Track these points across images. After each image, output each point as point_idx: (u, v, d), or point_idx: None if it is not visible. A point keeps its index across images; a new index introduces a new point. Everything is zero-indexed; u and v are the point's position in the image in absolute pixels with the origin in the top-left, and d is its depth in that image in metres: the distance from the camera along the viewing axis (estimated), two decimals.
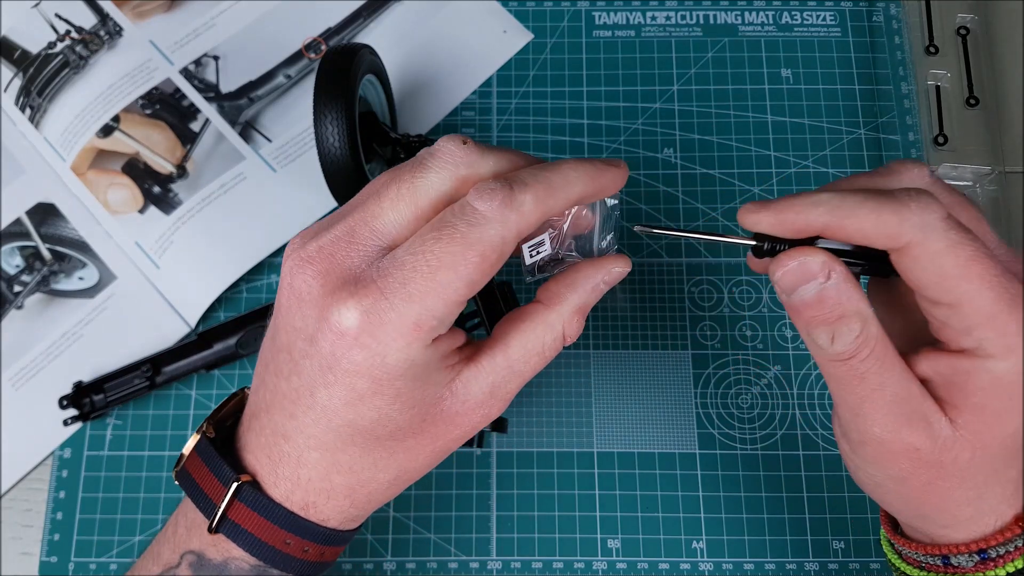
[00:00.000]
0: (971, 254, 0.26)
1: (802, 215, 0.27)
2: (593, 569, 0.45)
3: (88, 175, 0.52)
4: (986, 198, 0.49)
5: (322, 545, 0.31)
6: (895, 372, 0.27)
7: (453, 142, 0.28)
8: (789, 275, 0.27)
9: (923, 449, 0.27)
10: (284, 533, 0.30)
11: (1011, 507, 0.29)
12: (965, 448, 0.27)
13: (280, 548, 0.30)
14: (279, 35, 0.55)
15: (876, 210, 0.26)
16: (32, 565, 0.46)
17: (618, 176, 0.30)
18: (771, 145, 0.52)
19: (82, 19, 0.55)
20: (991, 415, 0.27)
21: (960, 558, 0.29)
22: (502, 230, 0.27)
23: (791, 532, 0.46)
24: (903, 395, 0.27)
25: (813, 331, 0.28)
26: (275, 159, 0.53)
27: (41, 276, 0.51)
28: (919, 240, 0.26)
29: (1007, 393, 0.27)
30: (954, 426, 0.27)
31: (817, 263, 0.27)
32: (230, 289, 0.50)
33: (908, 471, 0.28)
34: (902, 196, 0.26)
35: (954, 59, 0.51)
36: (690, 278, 0.50)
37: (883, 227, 0.26)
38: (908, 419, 0.27)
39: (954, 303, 0.26)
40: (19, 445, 0.48)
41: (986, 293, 0.26)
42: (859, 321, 0.27)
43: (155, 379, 0.48)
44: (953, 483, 0.28)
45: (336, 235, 0.28)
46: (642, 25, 0.55)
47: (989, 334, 0.26)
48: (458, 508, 0.47)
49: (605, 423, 0.48)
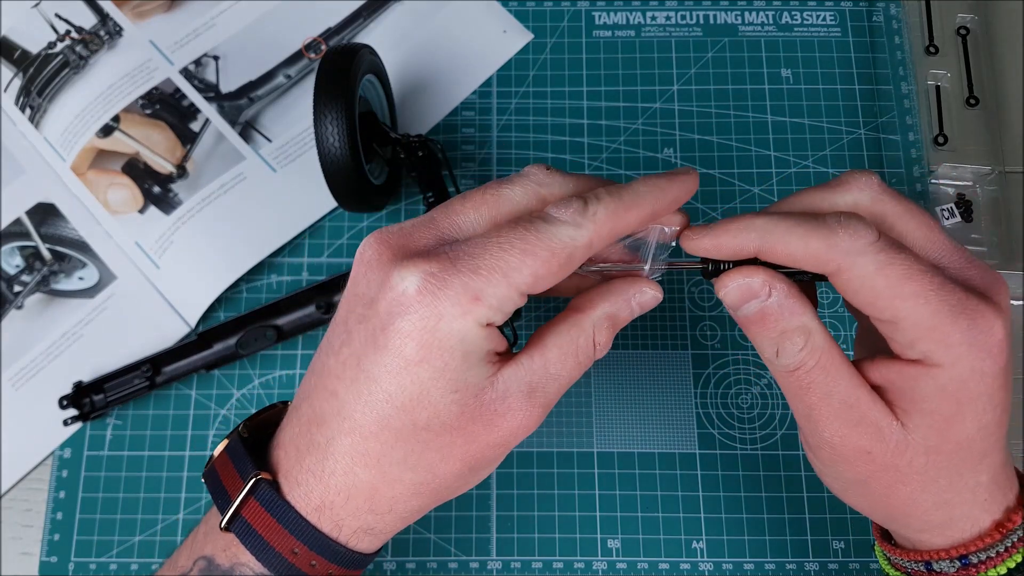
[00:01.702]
0: (902, 273, 0.26)
1: (736, 239, 0.28)
2: (593, 569, 0.45)
3: (88, 175, 0.52)
4: (986, 198, 0.49)
5: (330, 562, 0.29)
6: (842, 380, 0.28)
7: (537, 166, 0.30)
8: (731, 294, 0.29)
9: (874, 452, 0.28)
10: (293, 541, 0.29)
11: (987, 512, 0.29)
12: (918, 452, 0.28)
13: (287, 557, 0.29)
14: (279, 35, 0.55)
15: (804, 237, 0.27)
16: (32, 565, 0.46)
17: (688, 182, 0.30)
18: (771, 145, 0.52)
19: (82, 19, 0.55)
20: (940, 420, 0.27)
21: (942, 564, 0.29)
22: (574, 233, 0.27)
23: (791, 532, 0.46)
24: (851, 402, 0.28)
25: (760, 344, 0.29)
26: (275, 159, 0.53)
27: (41, 276, 0.51)
28: (848, 265, 0.27)
29: (954, 399, 0.27)
30: (905, 430, 0.28)
31: (757, 282, 0.28)
32: (230, 289, 0.50)
33: (866, 474, 0.29)
34: (831, 222, 0.27)
35: (954, 59, 0.51)
36: (690, 278, 0.50)
37: (812, 252, 0.27)
38: (856, 424, 0.28)
39: (892, 320, 0.27)
40: (19, 445, 0.48)
41: (922, 308, 0.26)
42: (801, 335, 0.28)
43: (155, 379, 0.48)
44: (914, 487, 0.28)
45: (417, 222, 0.29)
46: (642, 25, 0.55)
47: (931, 346, 0.27)
48: (458, 508, 0.47)
49: (605, 423, 0.48)
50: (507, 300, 0.27)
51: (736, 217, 0.29)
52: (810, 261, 0.27)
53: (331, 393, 0.29)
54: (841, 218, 0.27)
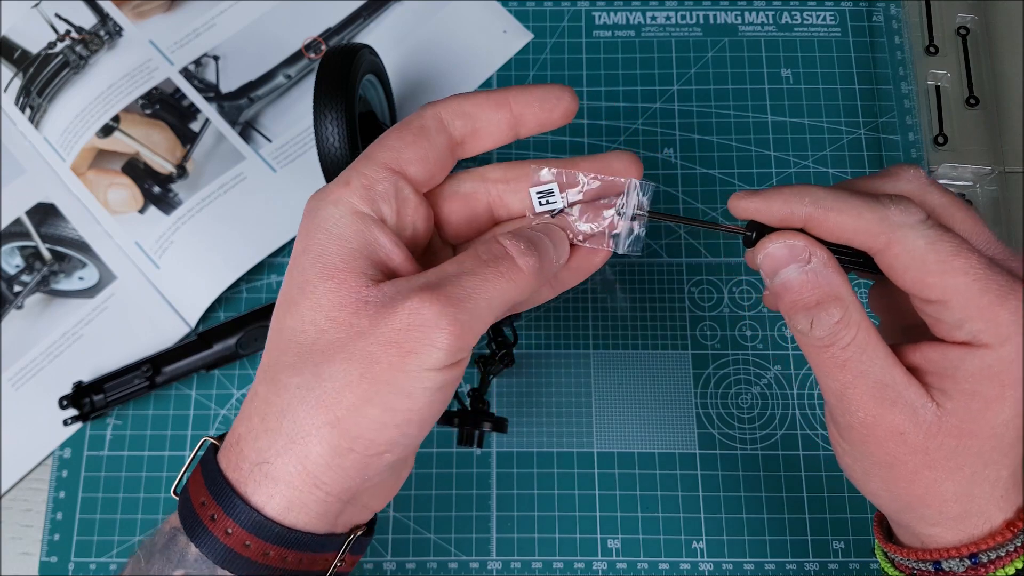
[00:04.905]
0: (952, 249, 0.27)
1: (788, 204, 0.28)
2: (593, 569, 0.45)
3: (88, 175, 0.52)
4: (986, 198, 0.49)
5: (228, 516, 0.26)
6: (878, 359, 0.28)
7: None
8: (771, 257, 0.28)
9: (908, 433, 0.28)
10: (204, 491, 0.27)
11: (1000, 511, 0.29)
12: (950, 435, 0.28)
13: (196, 507, 0.27)
14: (279, 35, 0.55)
15: (858, 208, 0.27)
16: (32, 565, 0.46)
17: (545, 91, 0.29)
18: (771, 145, 0.52)
19: (82, 19, 0.55)
20: (980, 402, 0.27)
21: (951, 562, 0.29)
22: (431, 111, 0.29)
23: (791, 532, 0.46)
24: (886, 381, 0.28)
25: (794, 316, 0.28)
26: (275, 159, 0.53)
27: (41, 276, 0.51)
28: (898, 239, 0.27)
29: (998, 380, 0.27)
30: (940, 411, 0.27)
31: (799, 245, 0.28)
32: (230, 289, 0.50)
33: (894, 457, 0.28)
34: (884, 199, 0.27)
35: (954, 59, 0.51)
36: (690, 278, 0.50)
37: (863, 224, 0.27)
38: (892, 404, 0.28)
39: (941, 299, 0.27)
40: (19, 445, 0.48)
41: (972, 285, 0.26)
42: (839, 306, 0.27)
43: (155, 379, 0.48)
44: (940, 474, 0.28)
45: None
46: (642, 25, 0.55)
47: (980, 325, 0.27)
48: (458, 508, 0.47)
49: (605, 423, 0.48)
50: (376, 180, 0.27)
51: (789, 184, 0.28)
52: (861, 234, 0.27)
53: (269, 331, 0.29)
54: (893, 197, 0.28)
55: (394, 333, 0.25)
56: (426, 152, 0.28)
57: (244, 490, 0.27)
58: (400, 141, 0.28)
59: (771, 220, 0.28)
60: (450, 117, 0.29)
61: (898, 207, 0.27)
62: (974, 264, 0.26)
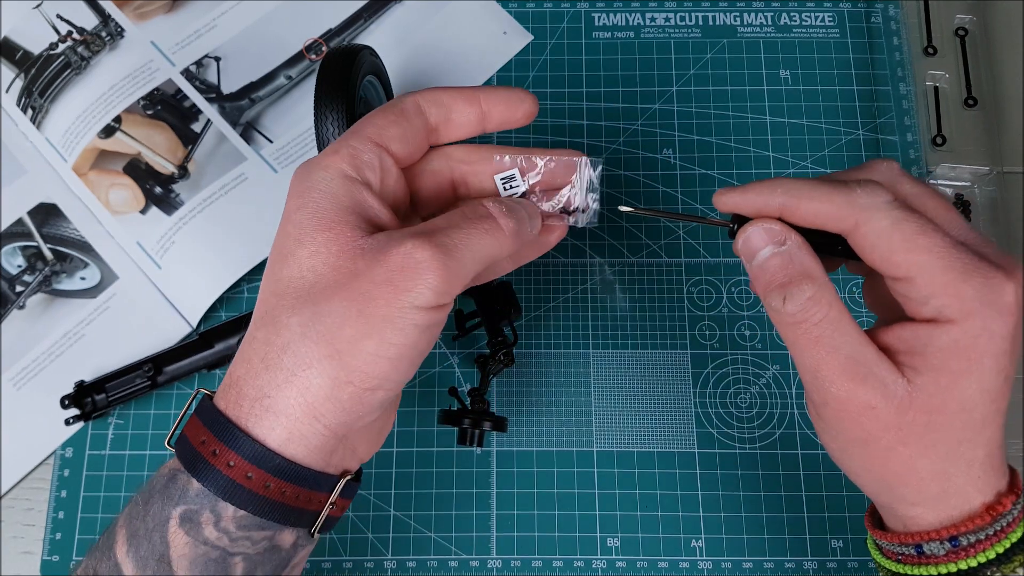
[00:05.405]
0: (916, 228, 0.28)
1: (762, 195, 0.30)
2: (593, 568, 0.46)
3: (90, 175, 0.52)
4: (984, 198, 0.49)
5: (232, 450, 0.28)
6: (850, 335, 0.29)
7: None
8: (749, 241, 0.30)
9: (879, 408, 0.29)
10: (203, 429, 0.29)
11: (979, 492, 0.29)
12: (921, 410, 0.28)
13: (196, 446, 0.29)
14: (280, 36, 0.55)
15: (827, 193, 0.29)
16: (34, 564, 0.46)
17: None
18: (770, 146, 0.52)
19: (84, 20, 0.55)
20: (948, 376, 0.28)
21: (932, 545, 0.30)
22: (414, 98, 0.31)
23: (789, 531, 0.46)
24: (858, 358, 0.29)
25: (769, 295, 0.30)
26: (276, 160, 0.53)
27: (43, 276, 0.52)
28: (865, 219, 0.28)
29: (964, 355, 0.28)
30: (911, 387, 0.28)
31: (775, 228, 0.30)
32: (231, 289, 0.50)
33: (868, 432, 0.29)
34: (852, 184, 0.29)
35: (952, 60, 0.51)
36: (689, 278, 0.50)
37: (833, 208, 0.29)
38: (864, 379, 0.29)
39: (907, 276, 0.28)
40: (21, 444, 0.49)
41: (936, 263, 0.28)
42: (811, 283, 0.29)
43: (156, 379, 0.48)
44: (914, 450, 0.29)
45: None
46: (641, 26, 0.55)
47: (945, 300, 0.28)
48: (458, 507, 0.47)
49: (605, 423, 0.48)
50: (362, 151, 0.29)
51: (767, 179, 0.31)
52: (832, 218, 0.29)
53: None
54: (861, 181, 0.29)
55: (389, 273, 0.27)
56: (405, 131, 0.30)
57: (245, 424, 0.28)
58: (384, 119, 0.30)
59: (749, 211, 0.31)
60: (427, 104, 0.31)
61: (864, 189, 0.29)
62: (937, 243, 0.28)
